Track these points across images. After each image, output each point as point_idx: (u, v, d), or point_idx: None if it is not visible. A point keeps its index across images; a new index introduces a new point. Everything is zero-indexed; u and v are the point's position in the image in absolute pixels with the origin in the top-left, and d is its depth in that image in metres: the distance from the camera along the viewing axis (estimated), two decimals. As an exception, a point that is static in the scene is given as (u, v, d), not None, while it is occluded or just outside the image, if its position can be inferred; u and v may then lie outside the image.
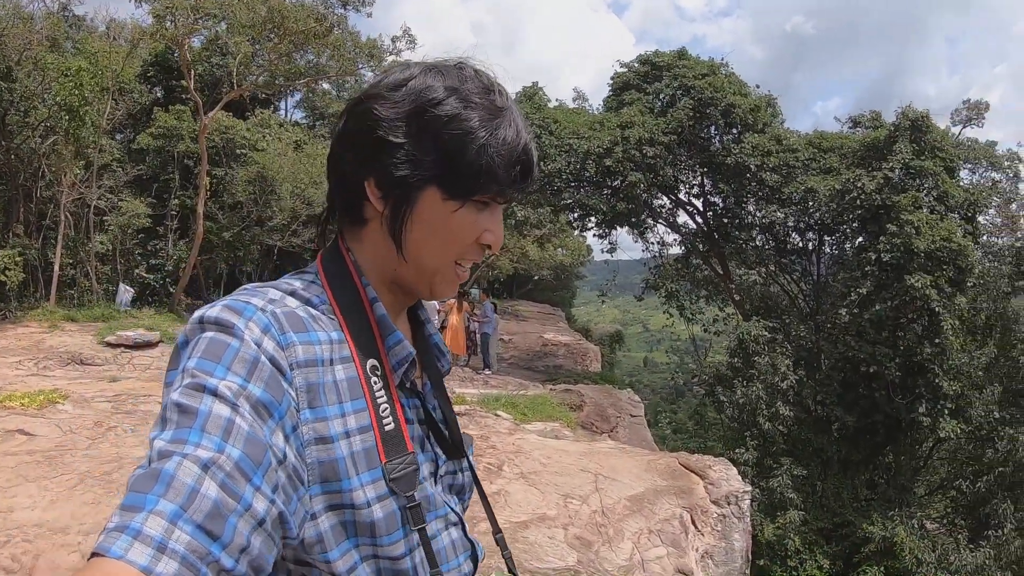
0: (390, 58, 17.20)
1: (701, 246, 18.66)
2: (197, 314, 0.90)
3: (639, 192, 16.75)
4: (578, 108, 19.40)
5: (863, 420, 15.76)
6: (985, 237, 16.55)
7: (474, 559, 1.13)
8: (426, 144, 0.97)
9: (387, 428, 0.98)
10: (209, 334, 0.87)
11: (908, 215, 14.92)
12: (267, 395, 0.85)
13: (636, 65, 18.43)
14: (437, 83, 0.98)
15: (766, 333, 15.95)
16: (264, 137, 19.69)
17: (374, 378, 0.99)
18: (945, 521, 16.47)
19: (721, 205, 18.24)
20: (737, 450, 14.61)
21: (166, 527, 0.69)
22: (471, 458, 1.20)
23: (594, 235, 19.36)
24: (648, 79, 17.89)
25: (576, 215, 19.02)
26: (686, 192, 18.67)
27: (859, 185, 15.27)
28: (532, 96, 18.20)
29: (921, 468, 17.28)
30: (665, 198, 18.61)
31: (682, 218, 19.27)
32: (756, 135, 16.61)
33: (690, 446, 15.38)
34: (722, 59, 18.23)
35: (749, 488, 8.27)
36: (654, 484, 7.19)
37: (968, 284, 15.53)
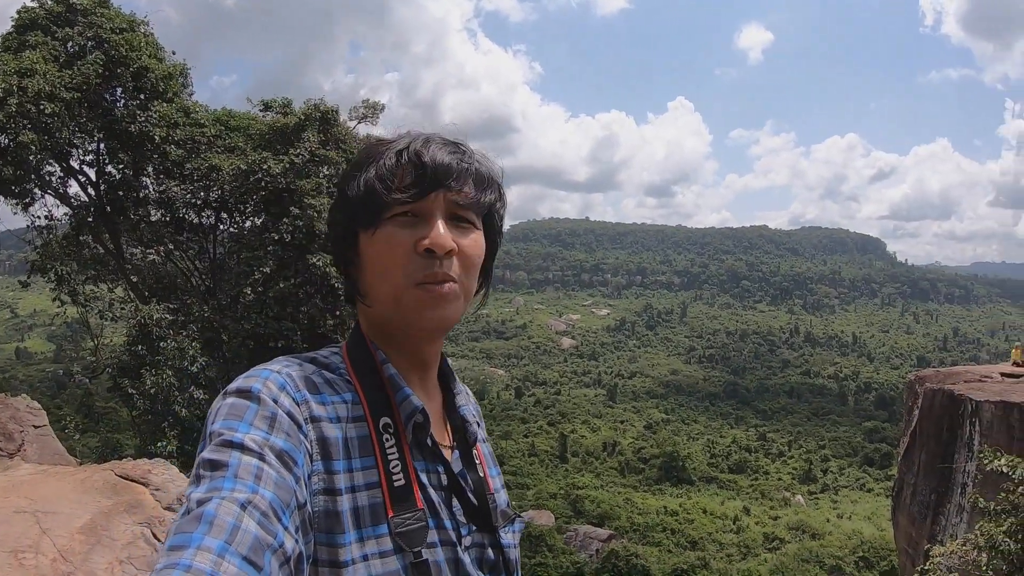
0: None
1: (92, 221, 16.69)
2: (223, 390, 0.99)
3: (30, 156, 14.11)
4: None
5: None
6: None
7: None
8: (345, 201, 1.13)
9: (396, 484, 1.02)
10: (230, 400, 0.96)
11: (310, 199, 15.93)
12: (288, 444, 0.93)
13: (50, 2, 15.33)
14: (347, 164, 1.18)
15: (168, 316, 15.32)
16: None
17: (386, 435, 1.05)
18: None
19: (118, 176, 16.57)
20: (159, 443, 13.74)
21: (215, 560, 0.74)
22: (507, 537, 1.20)
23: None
24: (60, 22, 15.10)
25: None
26: (79, 159, 16.43)
27: (265, 167, 15.65)
28: None
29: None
30: (57, 165, 16.06)
31: (73, 188, 16.94)
32: (165, 104, 15.58)
33: (106, 448, 13.90)
34: (145, 16, 16.38)
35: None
36: (99, 506, 6.29)
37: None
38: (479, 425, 1.28)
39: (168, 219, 16.87)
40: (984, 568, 12.13)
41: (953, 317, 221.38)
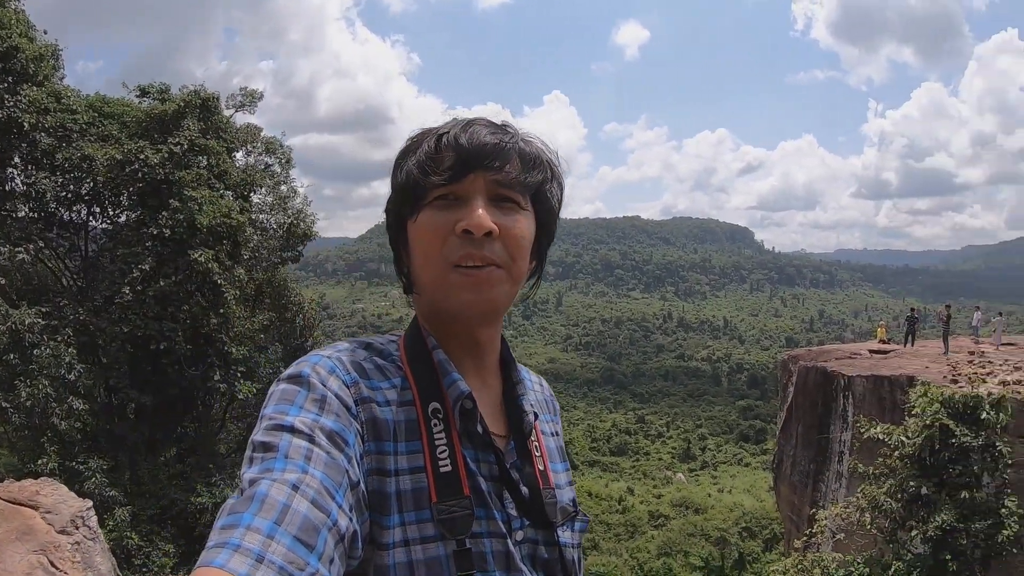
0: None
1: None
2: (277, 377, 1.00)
3: None
4: None
5: (159, 397, 15.51)
6: (257, 214, 17.89)
7: None
8: (392, 195, 1.15)
9: (443, 470, 1.01)
10: (282, 386, 0.97)
11: (191, 191, 15.13)
12: (338, 425, 0.93)
13: None
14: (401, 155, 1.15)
15: (41, 320, 14.20)
16: None
17: (434, 420, 1.04)
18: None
19: (-17, 168, 15.12)
20: (39, 461, 12.64)
21: (263, 540, 0.74)
22: (566, 536, 1.15)
23: None
24: None
25: None
26: (-63, 150, 14.85)
27: (142, 157, 14.73)
28: None
29: (220, 431, 18.00)
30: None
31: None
32: (35, 88, 14.33)
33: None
34: None
35: (90, 503, 7.33)
36: (-9, 531, 5.75)
37: (245, 257, 16.72)
38: (537, 416, 1.22)
39: (37, 215, 15.58)
40: (868, 527, 13.04)
41: (818, 300, 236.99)
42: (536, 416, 1.21)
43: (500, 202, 1.07)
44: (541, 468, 1.17)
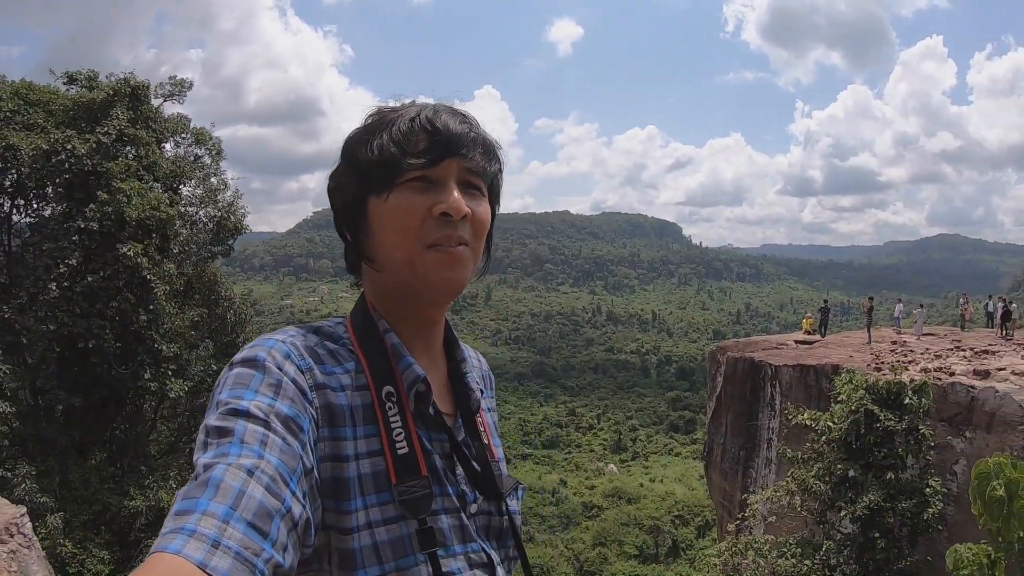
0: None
1: None
2: (230, 360, 1.00)
3: None
4: None
5: (89, 398, 14.95)
6: (186, 207, 17.41)
7: None
8: (352, 166, 1.13)
9: (400, 452, 1.03)
10: (236, 370, 0.96)
11: (120, 183, 14.64)
12: (293, 410, 0.93)
13: None
14: (360, 127, 1.16)
15: (-41, 318, 13.53)
16: None
17: (389, 404, 1.06)
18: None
19: None
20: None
21: (219, 526, 0.75)
22: (513, 504, 1.21)
23: None
24: None
25: None
26: None
27: (69, 147, 14.16)
28: None
29: (151, 431, 17.46)
30: None
31: None
32: (-46, 75, 13.54)
33: None
34: None
35: (24, 509, 7.07)
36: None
37: (174, 251, 16.25)
38: (483, 394, 1.28)
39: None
40: (799, 509, 13.60)
41: (745, 294, 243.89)
42: (482, 393, 1.27)
43: (467, 188, 1.12)
44: (487, 443, 1.22)
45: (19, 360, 14.61)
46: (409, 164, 1.08)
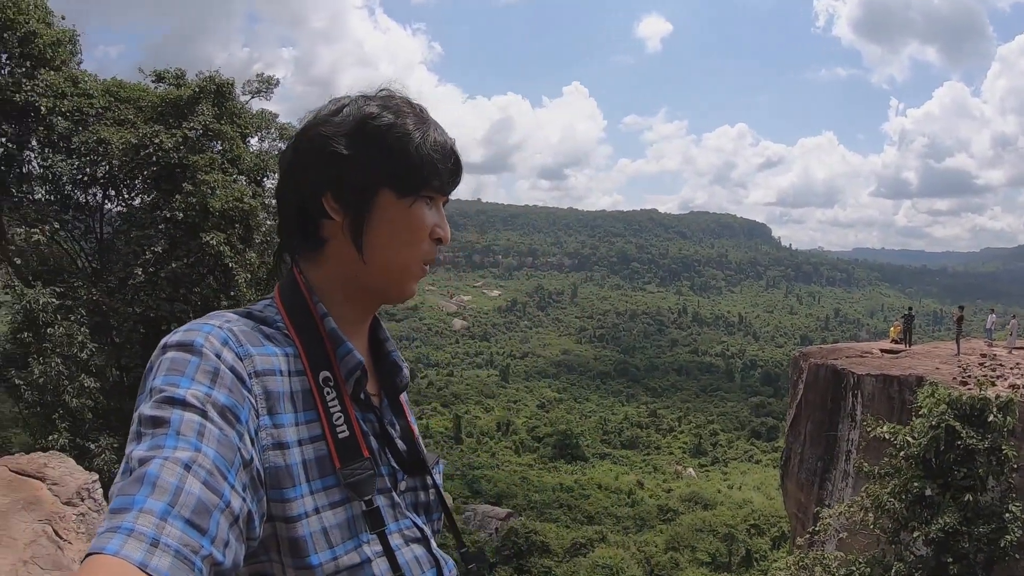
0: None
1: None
2: (161, 342, 0.95)
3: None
4: None
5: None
6: (270, 199, 17.99)
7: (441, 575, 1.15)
8: (372, 151, 1.08)
9: (341, 436, 1.03)
10: (171, 355, 0.92)
11: (204, 175, 15.24)
12: (231, 400, 0.91)
13: None
14: (370, 103, 1.12)
15: (55, 300, 14.36)
16: None
17: (327, 388, 1.05)
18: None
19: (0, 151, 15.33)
20: (49, 437, 12.84)
21: (157, 523, 0.73)
22: (437, 477, 1.24)
23: None
24: None
25: None
26: (-43, 131, 15.07)
27: (157, 141, 14.85)
28: None
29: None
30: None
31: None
32: (53, 73, 14.42)
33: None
34: None
35: (96, 476, 7.44)
36: (-3, 503, 5.87)
37: (256, 240, 16.83)
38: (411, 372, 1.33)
39: (53, 197, 15.75)
40: (871, 526, 13.00)
41: (835, 299, 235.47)
42: (411, 371, 1.29)
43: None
44: (409, 420, 1.25)
45: (106, 339, 15.39)
46: (438, 186, 1.12)
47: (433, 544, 1.16)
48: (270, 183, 18.07)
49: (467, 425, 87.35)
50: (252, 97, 17.89)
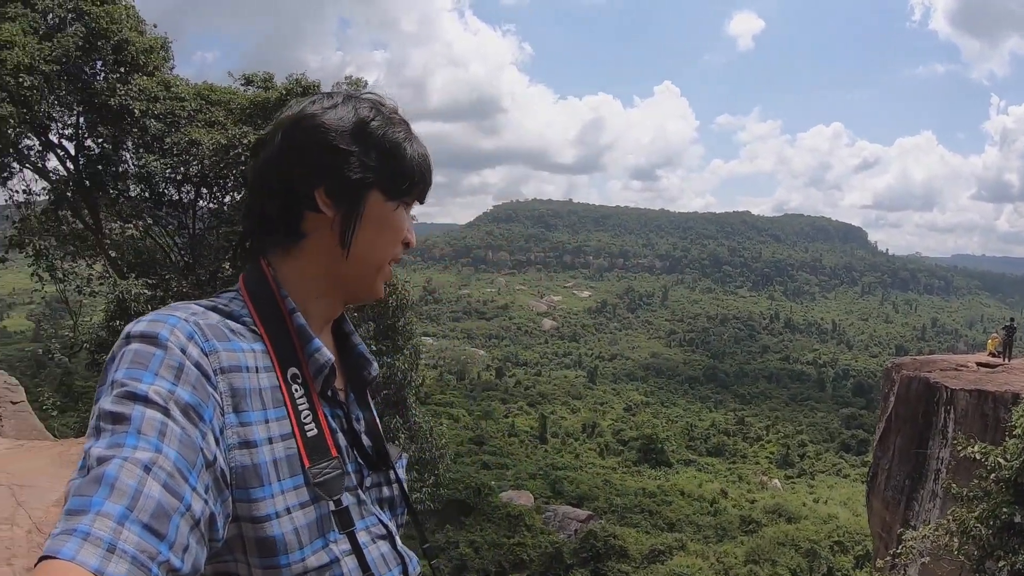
0: None
1: (71, 196, 16.45)
2: (124, 331, 0.93)
3: (8, 130, 13.83)
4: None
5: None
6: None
7: (406, 572, 1.15)
8: (371, 152, 1.10)
9: (309, 434, 1.02)
10: (134, 346, 0.90)
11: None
12: (195, 398, 0.89)
13: None
14: (362, 106, 1.13)
15: (147, 291, 15.16)
16: None
17: (295, 385, 1.04)
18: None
19: (97, 151, 16.34)
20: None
21: (114, 528, 0.71)
22: (400, 472, 1.23)
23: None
24: None
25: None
26: (57, 133, 16.17)
27: (245, 142, 15.46)
28: None
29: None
30: (35, 139, 15.80)
31: (52, 163, 16.67)
32: (145, 78, 15.30)
33: (84, 427, 13.71)
34: None
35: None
36: (73, 481, 6.22)
37: (339, 239, 17.38)
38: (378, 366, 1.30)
39: (147, 194, 16.61)
40: (955, 552, 12.30)
41: (932, 307, 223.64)
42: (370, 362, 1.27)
43: None
44: (374, 414, 1.25)
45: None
46: (419, 190, 1.19)
47: (398, 540, 1.16)
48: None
49: (552, 425, 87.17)
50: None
